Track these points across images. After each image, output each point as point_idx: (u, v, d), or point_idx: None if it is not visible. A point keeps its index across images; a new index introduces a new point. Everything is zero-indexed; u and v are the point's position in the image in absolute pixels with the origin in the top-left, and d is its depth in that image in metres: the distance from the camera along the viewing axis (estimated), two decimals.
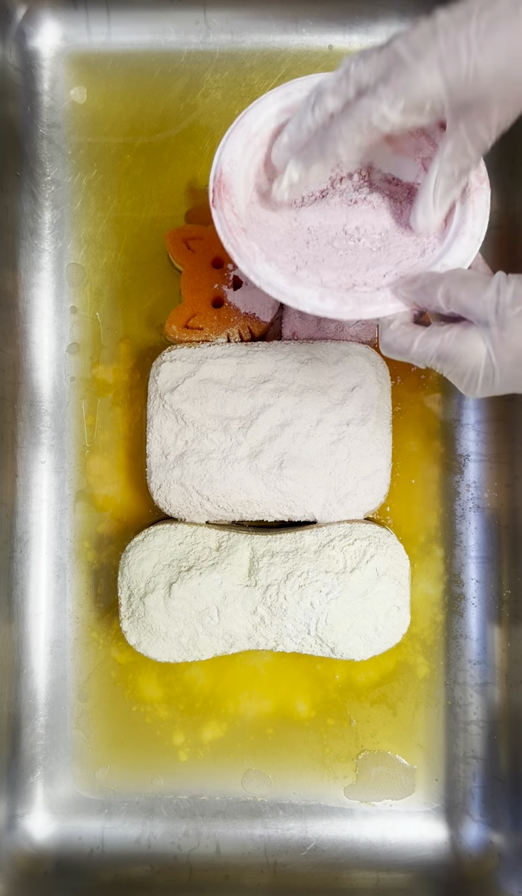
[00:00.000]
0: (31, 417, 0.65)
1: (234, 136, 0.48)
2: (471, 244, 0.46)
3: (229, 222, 0.47)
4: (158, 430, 0.60)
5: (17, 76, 0.64)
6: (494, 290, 0.41)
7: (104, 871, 0.62)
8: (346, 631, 0.57)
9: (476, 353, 0.42)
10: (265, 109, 0.49)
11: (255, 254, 0.47)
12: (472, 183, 0.47)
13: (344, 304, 0.46)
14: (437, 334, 0.43)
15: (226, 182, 0.48)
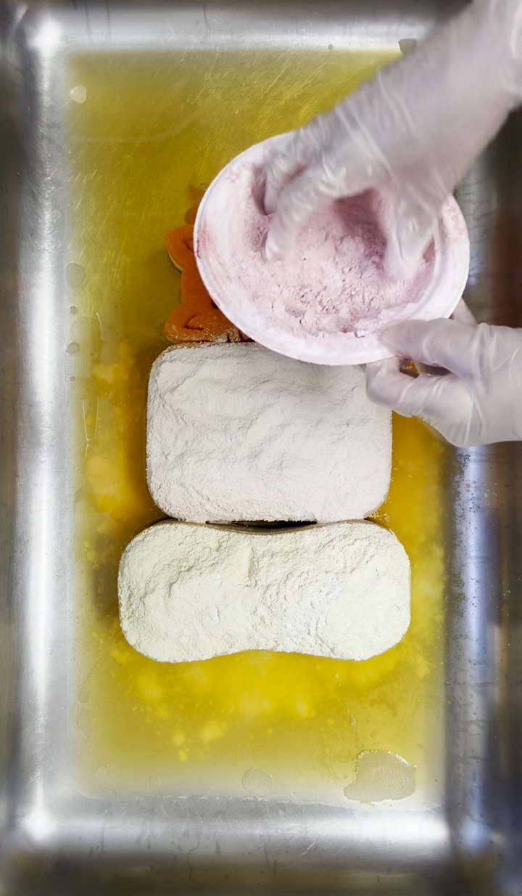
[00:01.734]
0: (31, 417, 0.65)
1: (218, 187, 0.50)
2: (453, 293, 0.47)
3: (214, 271, 0.48)
4: (158, 430, 0.60)
5: (17, 76, 0.64)
6: (478, 344, 0.41)
7: (104, 871, 0.62)
8: (346, 631, 0.57)
9: (463, 407, 0.42)
10: (249, 160, 0.50)
11: (241, 301, 0.48)
12: (451, 234, 0.48)
13: (330, 351, 0.46)
14: (425, 386, 0.43)
15: (210, 233, 0.49)
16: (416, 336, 0.43)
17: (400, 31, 0.64)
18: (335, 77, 0.65)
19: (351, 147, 0.41)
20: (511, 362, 0.40)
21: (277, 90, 0.65)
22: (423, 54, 0.39)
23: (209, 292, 0.48)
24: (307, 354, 0.46)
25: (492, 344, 0.41)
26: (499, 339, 0.41)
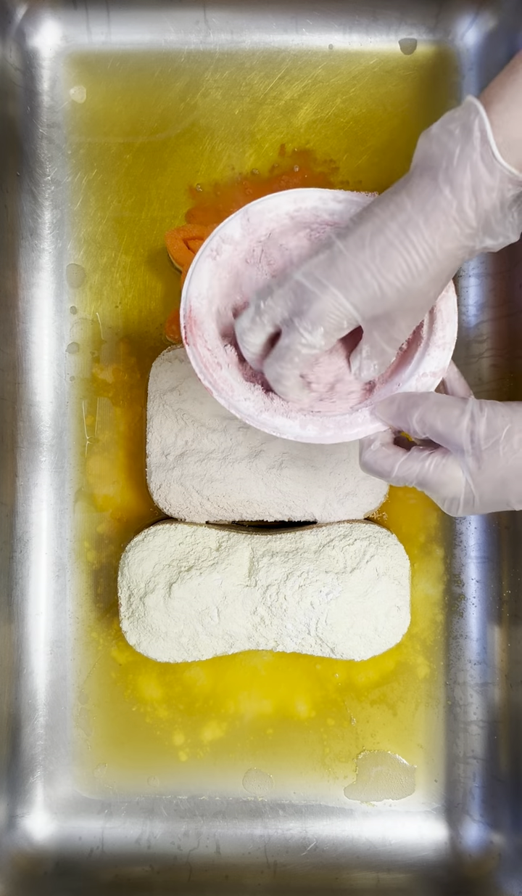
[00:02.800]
0: (30, 417, 0.65)
1: (200, 267, 0.48)
2: (442, 355, 0.47)
3: (204, 359, 0.47)
4: (158, 430, 0.60)
5: (17, 76, 0.64)
6: (468, 420, 0.41)
7: (104, 871, 0.62)
8: (346, 631, 0.57)
9: (456, 482, 0.43)
10: (228, 234, 0.49)
11: (233, 388, 0.47)
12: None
13: (325, 430, 0.47)
14: (417, 461, 0.44)
15: (196, 318, 0.48)
16: (407, 411, 0.44)
17: (400, 31, 0.64)
18: (335, 77, 0.65)
19: (322, 307, 0.42)
20: (502, 440, 0.41)
21: (277, 90, 0.65)
22: (381, 221, 0.41)
23: (200, 380, 0.48)
24: (302, 435, 0.47)
25: (483, 421, 0.41)
26: (489, 415, 0.41)
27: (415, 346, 0.48)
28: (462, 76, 0.65)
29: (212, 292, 0.48)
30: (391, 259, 0.41)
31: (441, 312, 0.48)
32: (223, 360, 0.48)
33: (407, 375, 0.47)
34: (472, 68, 0.64)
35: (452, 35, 0.64)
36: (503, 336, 0.64)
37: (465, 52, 0.65)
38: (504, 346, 0.63)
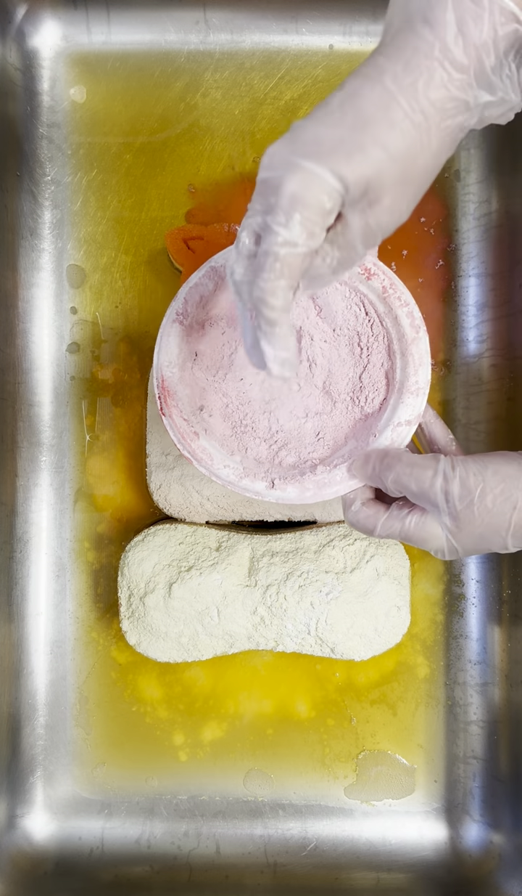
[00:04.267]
0: (30, 417, 0.65)
1: (168, 333, 0.48)
2: (416, 401, 0.46)
3: (181, 430, 0.47)
4: (158, 430, 0.60)
5: (17, 76, 0.64)
6: (442, 481, 0.41)
7: (104, 871, 0.62)
8: (346, 631, 0.57)
9: (437, 538, 0.43)
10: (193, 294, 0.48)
11: (212, 456, 0.48)
12: (408, 334, 0.46)
13: (305, 491, 0.47)
14: (398, 519, 0.44)
15: (169, 388, 0.48)
16: (381, 473, 0.44)
17: None
18: (335, 77, 0.65)
19: (292, 187, 0.34)
20: (476, 500, 0.41)
21: (277, 90, 0.65)
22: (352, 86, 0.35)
23: (178, 449, 0.48)
24: (283, 497, 0.47)
25: (456, 482, 0.41)
26: (462, 475, 0.41)
27: (389, 393, 0.48)
28: None
29: (182, 357, 0.48)
30: (367, 115, 0.34)
31: (413, 357, 0.46)
32: (199, 428, 0.48)
33: (383, 425, 0.47)
34: None
35: None
36: (503, 336, 0.64)
37: None
38: (504, 346, 0.63)
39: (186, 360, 0.49)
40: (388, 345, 0.48)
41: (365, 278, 0.47)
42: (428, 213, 0.64)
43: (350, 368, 0.49)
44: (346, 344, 0.49)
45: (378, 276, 0.47)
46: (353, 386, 0.49)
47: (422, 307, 0.64)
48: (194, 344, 0.49)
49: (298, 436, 0.49)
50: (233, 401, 0.49)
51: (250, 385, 0.49)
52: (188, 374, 0.49)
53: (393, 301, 0.47)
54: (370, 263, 0.46)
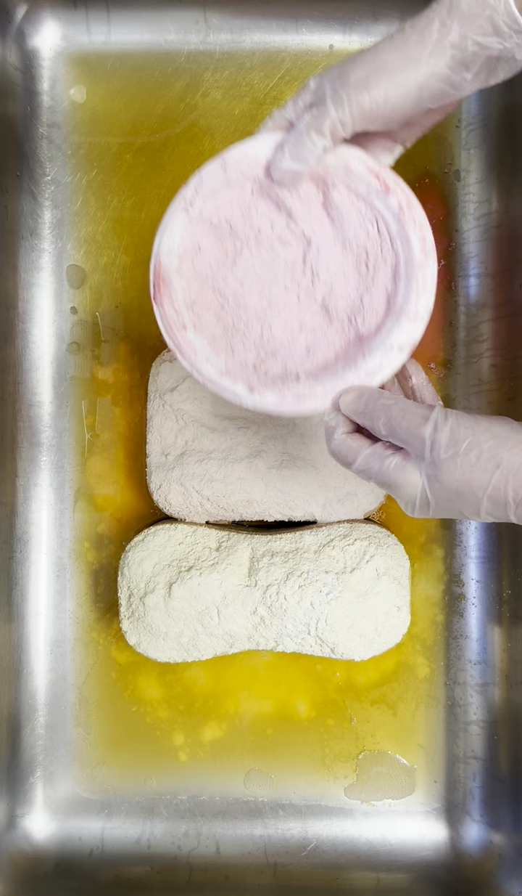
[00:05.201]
0: (30, 417, 0.65)
1: (173, 220, 0.47)
2: (414, 327, 0.44)
3: (170, 319, 0.47)
4: (158, 430, 0.60)
5: (17, 76, 0.64)
6: (431, 429, 0.41)
7: (104, 871, 0.62)
8: (346, 631, 0.57)
9: (413, 485, 0.43)
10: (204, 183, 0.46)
11: (196, 351, 0.47)
12: (416, 257, 0.45)
13: (283, 400, 0.46)
14: (379, 458, 0.43)
15: (165, 276, 0.47)
16: (373, 413, 0.43)
17: None
18: None
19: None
20: (461, 452, 0.41)
21: (277, 90, 0.65)
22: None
23: (165, 339, 0.48)
24: (260, 404, 0.46)
25: (445, 431, 0.41)
26: (453, 425, 0.41)
27: (387, 317, 0.46)
28: None
29: (184, 248, 0.47)
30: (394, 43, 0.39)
31: (418, 281, 0.44)
32: (188, 321, 0.47)
33: (375, 346, 0.45)
34: None
35: None
36: (503, 336, 0.64)
37: None
38: (504, 346, 0.63)
39: (187, 252, 0.47)
40: (395, 267, 0.46)
41: (384, 193, 0.45)
42: (428, 213, 0.64)
43: (352, 287, 0.47)
44: (353, 262, 0.47)
45: (395, 194, 0.45)
46: (353, 306, 0.47)
47: None
48: (198, 237, 0.48)
49: (289, 348, 0.48)
50: (230, 303, 0.48)
51: (250, 290, 0.48)
52: (187, 266, 0.47)
53: (407, 222, 0.45)
54: (390, 179, 0.45)
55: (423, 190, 0.64)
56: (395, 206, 0.45)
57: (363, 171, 0.44)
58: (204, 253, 0.48)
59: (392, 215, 0.45)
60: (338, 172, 0.45)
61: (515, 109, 0.62)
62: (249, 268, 0.48)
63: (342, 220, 0.46)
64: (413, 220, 0.45)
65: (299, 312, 0.47)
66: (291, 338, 0.47)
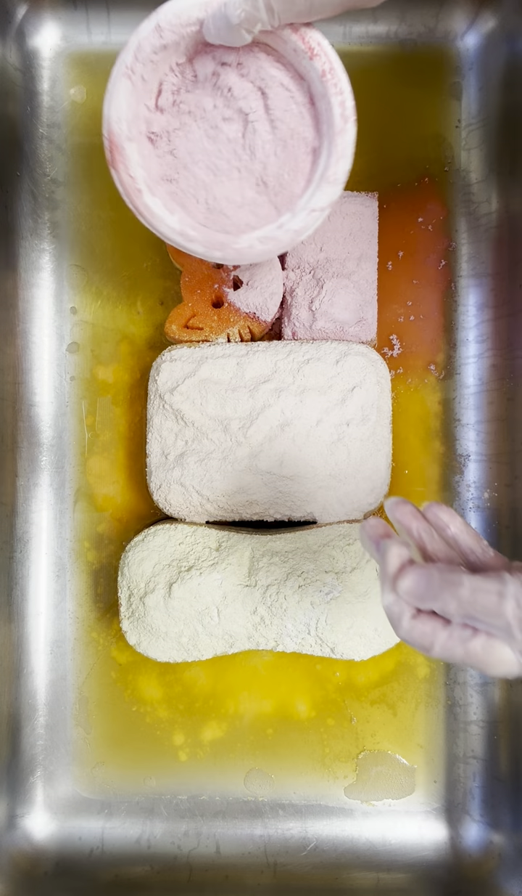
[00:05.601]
0: (30, 417, 0.65)
1: (117, 88, 0.48)
2: (333, 190, 0.48)
3: (126, 184, 0.49)
4: (158, 430, 0.60)
5: (17, 76, 0.64)
6: (513, 606, 0.38)
7: (104, 871, 0.62)
8: (346, 631, 0.57)
9: (507, 663, 0.39)
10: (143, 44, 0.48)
11: (152, 213, 0.49)
12: (337, 123, 0.47)
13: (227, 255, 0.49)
14: (461, 641, 0.39)
15: (117, 142, 0.48)
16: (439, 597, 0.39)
17: (399, 31, 0.64)
18: None
19: None
20: None
21: None
22: None
23: (124, 202, 0.50)
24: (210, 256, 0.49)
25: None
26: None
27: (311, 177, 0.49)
28: (463, 76, 0.65)
29: (132, 113, 0.48)
30: None
31: (337, 147, 0.48)
32: (144, 185, 0.49)
33: (300, 208, 0.49)
34: (472, 68, 0.64)
35: (452, 35, 0.65)
36: (503, 336, 0.64)
37: (465, 52, 0.65)
38: (504, 346, 0.63)
39: (137, 118, 0.49)
40: (317, 125, 0.49)
41: (308, 57, 0.47)
42: (428, 213, 0.64)
43: (284, 162, 0.50)
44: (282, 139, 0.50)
45: (320, 58, 0.47)
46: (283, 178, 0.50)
47: (422, 307, 0.64)
48: (145, 101, 0.49)
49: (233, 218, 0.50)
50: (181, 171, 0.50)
51: (196, 162, 0.50)
52: (136, 132, 0.49)
53: (329, 87, 0.47)
54: (314, 43, 0.47)
55: (423, 190, 0.64)
56: (319, 70, 0.47)
57: (290, 34, 0.47)
58: (153, 121, 0.50)
59: (317, 77, 0.48)
60: (268, 36, 0.47)
61: (515, 109, 0.62)
62: (196, 140, 0.50)
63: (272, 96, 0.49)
64: (335, 86, 0.47)
65: (240, 186, 0.50)
66: (235, 210, 0.50)
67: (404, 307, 0.64)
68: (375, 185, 0.64)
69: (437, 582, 0.39)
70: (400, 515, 0.44)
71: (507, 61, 0.63)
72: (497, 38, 0.63)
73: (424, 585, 0.39)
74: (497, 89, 0.64)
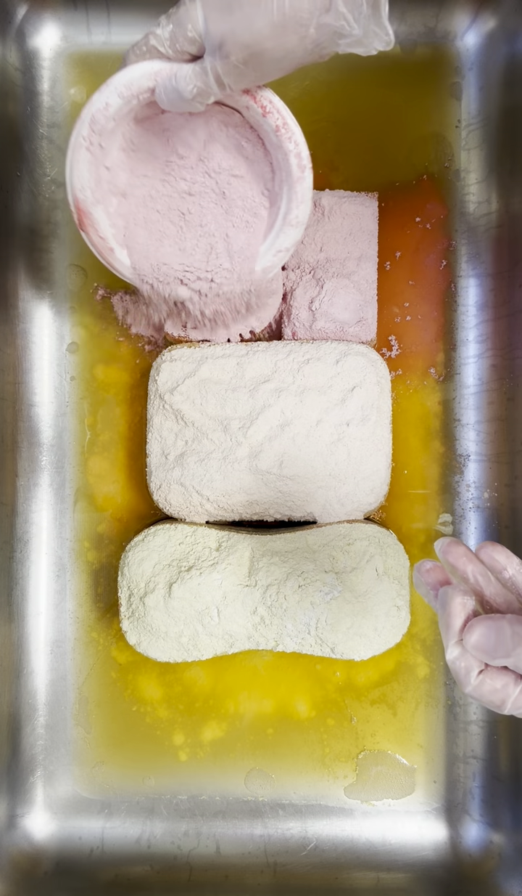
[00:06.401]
0: (31, 417, 0.65)
1: (77, 158, 0.50)
2: (295, 232, 0.52)
3: (98, 245, 0.52)
4: (158, 430, 0.60)
5: (17, 76, 0.64)
6: None
7: (104, 871, 0.62)
8: (346, 631, 0.57)
9: None
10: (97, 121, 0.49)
11: (126, 267, 0.53)
12: (294, 173, 0.50)
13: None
14: None
15: (83, 208, 0.51)
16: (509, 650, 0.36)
17: (399, 31, 0.64)
18: (335, 77, 0.65)
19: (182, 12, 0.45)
20: None
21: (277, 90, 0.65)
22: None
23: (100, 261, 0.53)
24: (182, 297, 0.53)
25: None
26: None
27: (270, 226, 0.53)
28: (463, 76, 0.65)
29: (94, 179, 0.51)
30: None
31: (296, 194, 0.51)
32: (115, 244, 0.52)
33: (265, 251, 0.53)
34: (472, 68, 0.64)
35: (452, 35, 0.65)
36: (503, 336, 0.64)
37: (465, 52, 0.65)
38: (504, 346, 0.63)
39: (99, 182, 0.51)
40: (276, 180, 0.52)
41: (261, 115, 0.50)
42: (428, 213, 0.64)
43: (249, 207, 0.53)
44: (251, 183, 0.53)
45: (272, 115, 0.50)
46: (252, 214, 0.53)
47: (422, 307, 0.65)
48: (105, 164, 0.51)
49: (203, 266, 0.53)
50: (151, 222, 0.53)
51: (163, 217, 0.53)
52: (101, 194, 0.51)
53: (284, 141, 0.50)
54: (266, 101, 0.49)
55: (423, 190, 0.64)
56: (273, 126, 0.50)
57: (242, 95, 0.49)
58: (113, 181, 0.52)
59: (271, 131, 0.50)
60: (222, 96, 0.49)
61: (515, 109, 0.62)
62: (162, 198, 0.53)
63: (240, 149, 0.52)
64: (289, 140, 0.50)
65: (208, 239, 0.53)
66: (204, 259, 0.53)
67: (403, 308, 0.64)
68: (375, 185, 0.64)
69: (509, 636, 0.36)
70: (453, 559, 0.42)
71: (507, 61, 0.63)
72: (497, 38, 0.63)
73: (494, 640, 0.37)
74: (496, 89, 0.64)
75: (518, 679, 0.37)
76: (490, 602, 0.41)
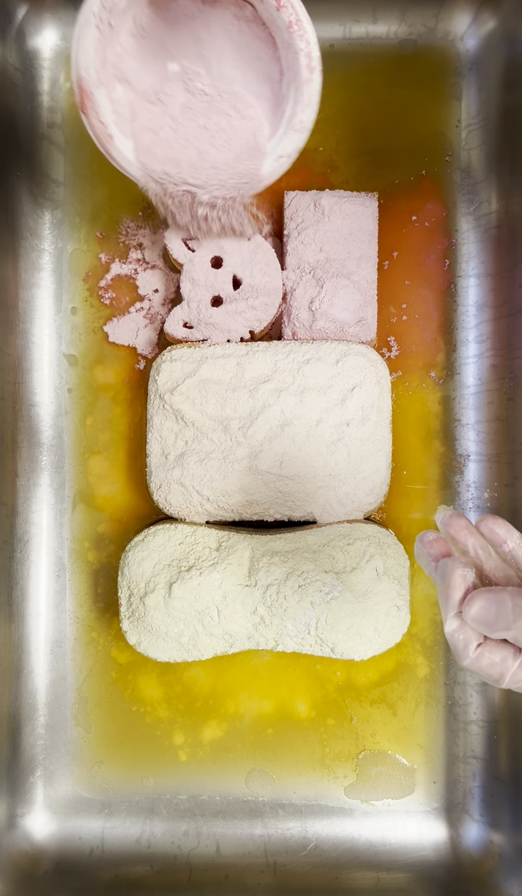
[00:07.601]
0: (31, 417, 0.65)
1: (84, 38, 0.48)
2: (298, 137, 0.50)
3: (97, 130, 0.50)
4: (158, 430, 0.60)
5: (17, 76, 0.64)
6: None
7: (104, 871, 0.62)
8: (346, 631, 0.57)
9: None
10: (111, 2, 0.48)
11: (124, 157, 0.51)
12: (303, 74, 0.49)
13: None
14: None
15: (86, 89, 0.49)
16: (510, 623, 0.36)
17: (399, 31, 0.64)
18: (335, 77, 0.65)
19: None
20: None
21: None
22: None
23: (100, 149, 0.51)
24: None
25: None
26: None
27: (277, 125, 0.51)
28: (462, 76, 0.65)
29: (100, 60, 0.49)
30: None
31: (303, 96, 0.49)
32: (115, 130, 0.51)
33: (267, 154, 0.51)
34: (472, 68, 0.65)
35: (452, 35, 0.65)
36: (503, 336, 0.64)
37: (465, 52, 0.65)
38: (504, 346, 0.63)
39: (104, 64, 0.50)
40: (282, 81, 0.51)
41: (275, 8, 0.48)
42: (428, 213, 0.64)
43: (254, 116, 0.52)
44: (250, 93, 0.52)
45: (286, 9, 0.48)
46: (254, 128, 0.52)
47: (422, 307, 0.65)
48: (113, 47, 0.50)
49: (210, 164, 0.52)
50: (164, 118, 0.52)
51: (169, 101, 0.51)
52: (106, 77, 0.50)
53: (296, 38, 0.49)
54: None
55: (423, 190, 0.64)
56: (286, 21, 0.49)
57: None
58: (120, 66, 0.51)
59: (283, 27, 0.49)
60: None
61: (515, 109, 0.62)
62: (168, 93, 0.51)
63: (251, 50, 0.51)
64: (301, 38, 0.49)
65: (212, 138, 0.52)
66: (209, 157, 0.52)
67: (401, 308, 0.64)
68: (374, 184, 0.64)
69: (510, 608, 0.36)
70: (454, 531, 0.41)
71: (507, 61, 0.63)
72: (497, 38, 0.63)
73: (495, 612, 0.36)
74: (497, 89, 0.64)
75: (517, 652, 0.37)
76: (490, 576, 0.41)
